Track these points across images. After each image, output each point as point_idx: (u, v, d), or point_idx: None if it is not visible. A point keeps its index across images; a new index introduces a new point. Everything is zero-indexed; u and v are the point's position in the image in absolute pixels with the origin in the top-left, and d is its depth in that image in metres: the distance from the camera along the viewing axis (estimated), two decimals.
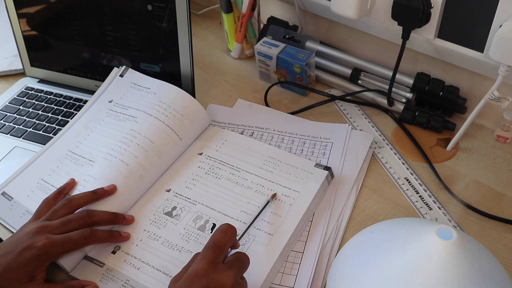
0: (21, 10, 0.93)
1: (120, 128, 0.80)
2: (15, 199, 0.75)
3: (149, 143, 0.77)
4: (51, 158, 0.79)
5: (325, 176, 0.75)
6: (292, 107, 0.93)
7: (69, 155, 0.79)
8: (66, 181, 0.74)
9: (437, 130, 0.85)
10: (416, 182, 0.78)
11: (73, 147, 0.80)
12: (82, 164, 0.77)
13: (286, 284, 0.65)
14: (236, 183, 0.76)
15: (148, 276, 0.65)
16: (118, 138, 0.78)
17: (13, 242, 0.63)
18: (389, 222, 0.67)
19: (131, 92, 0.85)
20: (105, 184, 0.72)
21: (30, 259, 0.61)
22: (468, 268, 0.55)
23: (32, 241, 0.62)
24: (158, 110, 0.80)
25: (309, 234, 0.70)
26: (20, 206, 0.74)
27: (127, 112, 0.82)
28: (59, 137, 0.82)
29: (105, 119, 0.82)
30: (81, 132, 0.82)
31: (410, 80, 0.89)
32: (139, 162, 0.75)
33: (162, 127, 0.79)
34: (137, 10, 0.87)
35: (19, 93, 0.95)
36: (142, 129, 0.78)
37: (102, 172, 0.74)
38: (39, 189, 0.76)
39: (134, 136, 0.77)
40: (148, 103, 0.82)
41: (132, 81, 0.86)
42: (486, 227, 0.72)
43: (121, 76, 0.88)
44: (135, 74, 0.87)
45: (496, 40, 0.70)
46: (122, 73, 0.88)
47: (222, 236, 0.58)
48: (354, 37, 0.97)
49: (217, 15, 1.16)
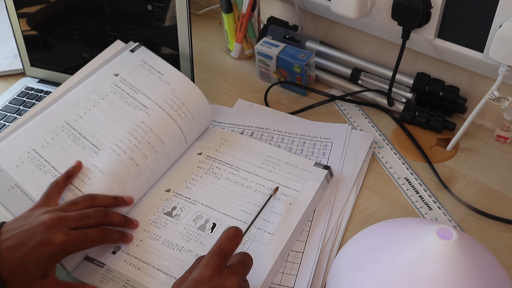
0: (21, 10, 0.93)
1: (129, 116, 0.75)
2: (2, 167, 0.69)
3: (160, 143, 0.75)
4: (45, 127, 0.72)
5: (324, 175, 0.75)
6: (292, 107, 0.93)
7: (66, 128, 0.73)
8: (62, 159, 0.70)
9: (437, 130, 0.85)
10: (416, 182, 0.78)
11: (71, 119, 0.74)
12: (84, 146, 0.72)
13: (286, 284, 0.65)
14: (236, 183, 0.76)
15: (149, 276, 0.65)
16: (127, 129, 0.74)
17: (26, 232, 0.59)
18: (389, 222, 0.67)
19: (141, 71, 0.79)
20: (113, 181, 0.70)
21: (47, 256, 0.58)
22: (468, 268, 0.55)
23: (49, 235, 0.58)
24: (172, 106, 0.77)
25: (309, 234, 0.70)
26: (8, 178, 0.68)
27: (136, 97, 0.76)
28: (55, 101, 0.75)
29: (109, 95, 0.76)
30: (81, 103, 0.75)
31: (410, 80, 0.89)
32: (148, 164, 0.74)
33: (174, 128, 0.77)
34: (137, 10, 0.87)
35: (19, 93, 0.95)
36: (154, 126, 0.75)
37: (110, 167, 0.70)
38: (30, 160, 0.69)
39: (145, 131, 0.74)
40: (161, 93, 0.77)
41: (143, 59, 0.81)
42: (486, 227, 0.72)
43: (131, 52, 0.82)
44: (147, 52, 0.82)
45: (496, 40, 0.70)
46: (133, 49, 0.82)
47: (229, 242, 0.57)
48: (354, 37, 0.97)
49: (217, 15, 1.16)
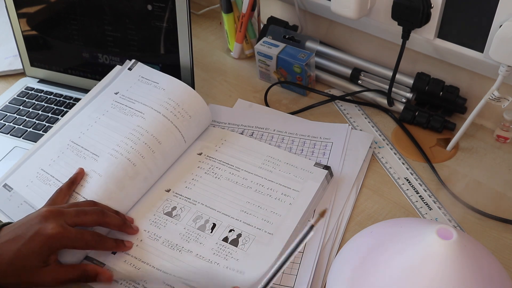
0: (21, 10, 0.93)
1: (126, 123, 0.77)
2: (14, 189, 0.74)
3: (156, 143, 0.76)
4: (53, 148, 0.78)
5: (324, 175, 0.75)
6: (292, 107, 0.93)
7: (71, 145, 0.77)
8: (66, 171, 0.73)
9: (437, 130, 0.85)
10: (416, 182, 0.78)
11: (75, 138, 0.78)
12: (85, 156, 0.75)
13: (286, 284, 0.65)
14: (236, 183, 0.75)
15: (149, 276, 0.65)
16: (124, 134, 0.76)
17: (23, 225, 0.61)
18: (389, 222, 0.67)
19: (138, 85, 0.83)
20: (111, 182, 0.71)
21: (42, 246, 0.59)
22: (468, 268, 0.55)
23: (45, 225, 0.60)
24: (167, 108, 0.79)
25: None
26: (19, 197, 0.74)
27: (134, 106, 0.79)
28: (61, 127, 0.80)
29: (109, 110, 0.80)
30: (84, 122, 0.80)
31: (410, 80, 0.89)
32: (145, 163, 0.74)
33: (170, 128, 0.78)
34: (137, 10, 0.87)
35: (19, 93, 0.95)
36: (150, 127, 0.76)
37: (108, 169, 0.72)
38: (38, 179, 0.75)
39: (141, 133, 0.76)
40: (156, 99, 0.80)
41: (140, 74, 0.85)
42: (486, 227, 0.72)
43: (129, 70, 0.86)
44: (143, 68, 0.86)
45: (496, 40, 0.70)
46: (130, 67, 0.86)
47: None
48: (354, 37, 0.97)
49: (217, 15, 1.16)
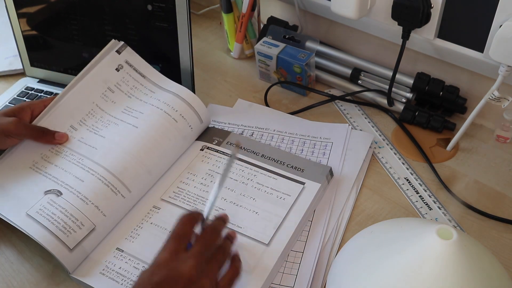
0: (21, 10, 0.93)
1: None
2: None
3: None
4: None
5: (324, 175, 0.75)
6: (292, 107, 0.93)
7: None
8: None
9: (437, 130, 0.85)
10: (416, 182, 0.78)
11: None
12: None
13: (286, 284, 0.65)
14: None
15: None
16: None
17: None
18: (389, 222, 0.67)
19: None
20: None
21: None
22: (468, 268, 0.55)
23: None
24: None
25: (309, 234, 0.70)
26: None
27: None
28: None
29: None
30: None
31: (410, 80, 0.89)
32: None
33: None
34: (137, 10, 0.87)
35: (19, 93, 0.95)
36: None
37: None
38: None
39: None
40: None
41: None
42: (486, 227, 0.72)
43: (117, 53, 0.81)
44: (133, 55, 0.82)
45: (496, 40, 0.70)
46: (119, 49, 0.81)
47: (182, 226, 0.60)
48: (354, 37, 0.97)
49: (217, 15, 1.16)
